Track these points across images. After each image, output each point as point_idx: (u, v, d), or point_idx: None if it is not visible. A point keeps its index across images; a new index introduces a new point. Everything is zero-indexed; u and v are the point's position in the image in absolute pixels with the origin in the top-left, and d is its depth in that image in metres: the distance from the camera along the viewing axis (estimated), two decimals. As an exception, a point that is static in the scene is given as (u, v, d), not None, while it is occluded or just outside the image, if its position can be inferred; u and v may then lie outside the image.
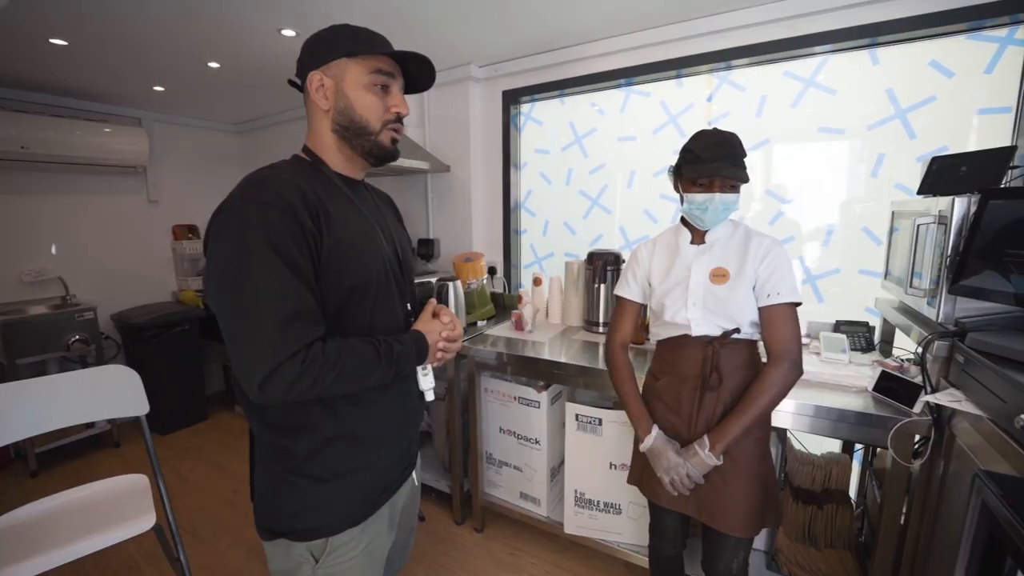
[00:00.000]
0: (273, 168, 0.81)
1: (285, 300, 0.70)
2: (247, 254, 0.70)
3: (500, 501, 2.06)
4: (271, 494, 0.85)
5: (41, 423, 1.46)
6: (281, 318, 0.70)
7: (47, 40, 1.98)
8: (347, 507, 0.86)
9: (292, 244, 0.72)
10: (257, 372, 0.69)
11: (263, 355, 0.69)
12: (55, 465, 2.69)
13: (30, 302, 2.84)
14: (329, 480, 0.84)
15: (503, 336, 2.06)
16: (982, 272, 1.08)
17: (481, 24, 1.94)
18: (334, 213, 0.80)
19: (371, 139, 0.85)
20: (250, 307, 0.70)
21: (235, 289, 0.70)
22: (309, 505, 0.83)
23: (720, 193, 1.11)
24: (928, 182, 1.38)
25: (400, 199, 2.83)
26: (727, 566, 1.18)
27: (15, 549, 1.25)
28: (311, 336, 0.72)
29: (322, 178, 0.84)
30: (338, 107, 0.83)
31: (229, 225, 0.72)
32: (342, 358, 0.74)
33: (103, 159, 2.93)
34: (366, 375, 0.78)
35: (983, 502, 0.73)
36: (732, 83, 1.96)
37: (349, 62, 0.82)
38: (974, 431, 1.03)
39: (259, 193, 0.73)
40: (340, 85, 0.82)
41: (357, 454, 0.86)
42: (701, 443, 1.11)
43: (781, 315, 1.11)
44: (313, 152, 0.87)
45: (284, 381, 0.69)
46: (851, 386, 1.39)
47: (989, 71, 1.54)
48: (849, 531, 1.55)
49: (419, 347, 0.88)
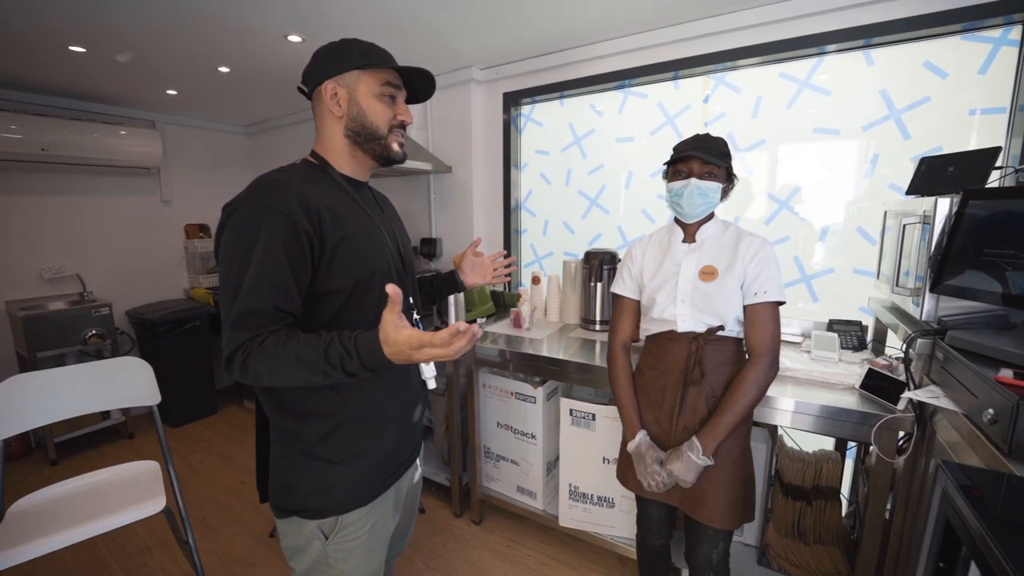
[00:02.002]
0: (282, 171, 0.88)
1: (250, 296, 0.77)
2: (239, 249, 0.79)
3: (498, 494, 2.11)
4: (286, 475, 0.91)
5: (60, 410, 1.54)
6: (241, 311, 0.77)
7: (66, 47, 2.07)
8: (355, 488, 0.92)
9: (281, 246, 0.78)
10: (224, 352, 0.79)
11: (225, 339, 0.79)
12: (72, 454, 2.80)
13: (49, 298, 2.96)
14: (339, 463, 0.90)
15: (502, 333, 2.10)
16: (964, 271, 1.10)
17: (483, 28, 1.98)
18: (339, 213, 0.86)
19: (381, 143, 0.93)
20: (229, 294, 0.79)
21: (224, 277, 0.81)
22: (320, 486, 0.90)
23: (696, 179, 1.15)
24: (916, 182, 1.40)
25: (403, 199, 2.93)
26: (707, 556, 1.22)
27: (33, 528, 1.33)
28: (259, 331, 0.77)
29: (329, 180, 0.91)
30: (351, 114, 0.90)
31: (233, 220, 0.81)
32: (274, 353, 0.75)
33: (119, 161, 3.03)
34: (295, 372, 0.76)
35: (943, 491, 0.76)
36: (728, 84, 1.98)
37: (361, 74, 0.90)
38: (951, 427, 1.05)
39: (260, 195, 0.81)
40: (353, 94, 0.90)
41: (365, 439, 0.93)
42: (691, 446, 1.13)
43: (765, 314, 1.14)
44: (321, 156, 0.94)
45: (235, 366, 0.78)
46: (839, 384, 1.41)
47: (983, 72, 1.55)
48: (838, 527, 1.57)
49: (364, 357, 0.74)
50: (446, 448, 2.28)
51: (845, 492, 1.71)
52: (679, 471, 1.13)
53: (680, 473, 1.13)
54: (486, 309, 2.37)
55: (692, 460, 1.12)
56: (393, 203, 1.16)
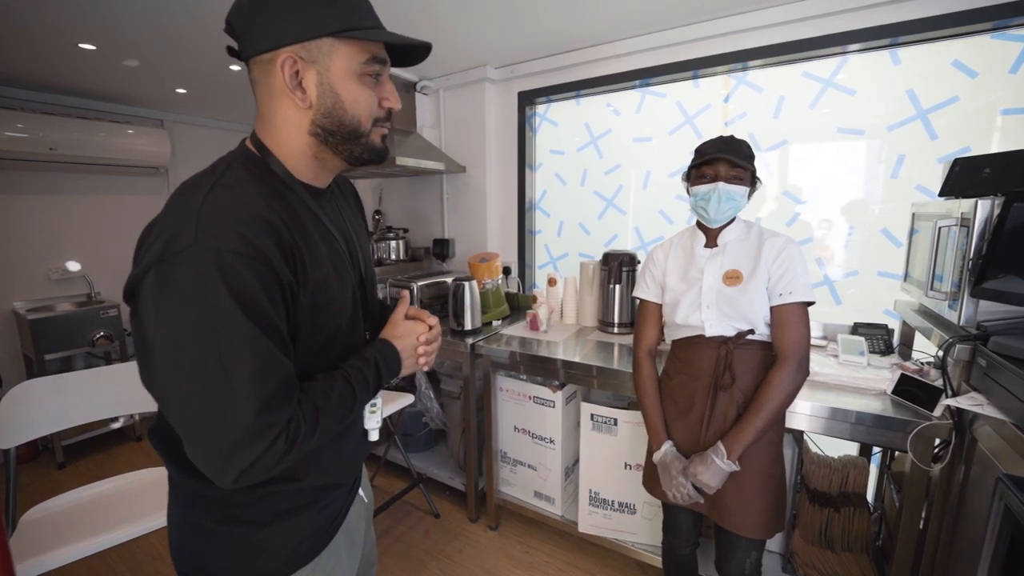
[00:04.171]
0: (228, 188, 0.60)
1: (263, 377, 0.57)
2: (212, 319, 0.54)
3: (514, 499, 2.08)
4: (199, 549, 0.70)
5: (70, 417, 1.52)
6: (260, 400, 0.56)
7: (76, 45, 2.04)
8: (293, 547, 0.73)
9: (267, 303, 0.58)
10: (234, 464, 0.56)
11: (241, 444, 0.55)
12: (80, 457, 2.77)
13: (57, 299, 2.93)
14: (269, 523, 0.70)
15: (518, 336, 2.07)
16: (1005, 275, 1.07)
17: (497, 26, 1.95)
18: (311, 247, 0.66)
19: (362, 142, 0.68)
20: (220, 388, 0.55)
21: (197, 365, 0.54)
22: (246, 552, 0.70)
23: (724, 183, 1.12)
24: (950, 184, 1.36)
25: (415, 199, 2.89)
26: (740, 566, 1.19)
27: (48, 538, 1.30)
28: (291, 411, 0.60)
29: (287, 194, 0.66)
30: (323, 107, 0.64)
31: (185, 278, 0.54)
32: (320, 415, 0.64)
33: (126, 160, 3.00)
34: (345, 415, 0.68)
35: (1006, 506, 0.73)
36: (749, 84, 1.95)
37: (337, 44, 0.62)
38: (996, 436, 1.02)
39: (222, 236, 0.55)
40: (325, 76, 0.63)
41: (300, 494, 0.73)
42: (717, 451, 1.10)
43: (792, 315, 1.11)
44: (267, 148, 0.67)
45: (267, 466, 0.58)
46: (869, 389, 1.38)
47: (1014, 71, 1.52)
48: (866, 534, 1.54)
49: (389, 362, 0.75)
50: (462, 453, 2.25)
51: (869, 498, 1.68)
52: (704, 476, 1.10)
53: (704, 478, 1.10)
54: (500, 311, 2.34)
55: (717, 465, 1.09)
56: (404, 203, 0.98)
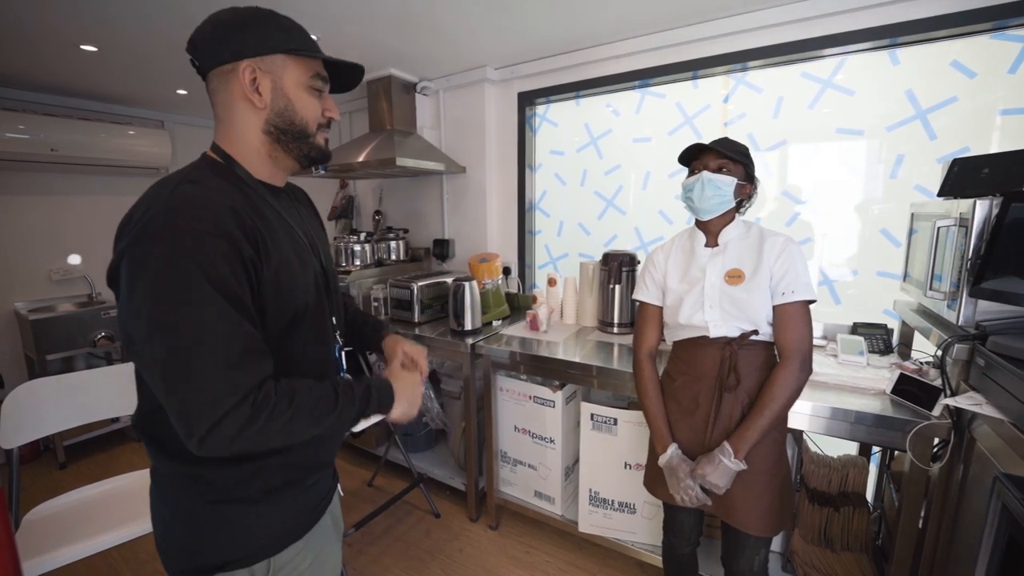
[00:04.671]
0: (194, 183, 0.69)
1: (230, 339, 0.63)
2: (182, 290, 0.61)
3: (514, 499, 2.09)
4: (192, 536, 0.74)
5: (72, 417, 1.53)
6: (227, 359, 0.62)
7: (78, 46, 2.05)
8: (285, 523, 0.79)
9: (231, 276, 0.64)
10: (204, 421, 0.60)
11: (209, 401, 0.61)
12: (82, 457, 2.77)
13: (58, 300, 2.94)
14: (260, 500, 0.75)
15: (518, 336, 2.08)
16: (1004, 275, 1.08)
17: (497, 27, 1.96)
18: (266, 231, 0.72)
19: (309, 142, 0.79)
20: (192, 350, 0.61)
21: (170, 331, 0.61)
22: (240, 528, 0.75)
23: (708, 172, 1.14)
24: (949, 184, 1.37)
25: (416, 200, 2.90)
26: (748, 563, 1.19)
27: (51, 538, 1.31)
28: (261, 374, 0.65)
29: (246, 190, 0.75)
30: (276, 107, 0.74)
31: (156, 256, 0.61)
32: (296, 397, 0.68)
33: (127, 161, 3.01)
34: (321, 416, 0.71)
35: (1003, 505, 0.73)
36: (748, 84, 1.96)
37: (288, 60, 0.74)
38: (995, 435, 1.02)
39: (188, 218, 0.63)
40: (279, 83, 0.74)
41: (287, 470, 0.79)
42: (724, 451, 1.10)
43: (794, 313, 1.12)
44: (227, 154, 0.76)
45: (233, 427, 0.61)
46: (869, 388, 1.38)
47: (1013, 71, 1.52)
48: (866, 534, 1.54)
49: (381, 392, 0.80)
50: (462, 452, 2.26)
51: (869, 498, 1.68)
52: (712, 477, 1.10)
53: (713, 479, 1.10)
54: (500, 311, 2.34)
55: (725, 465, 1.09)
56: (404, 204, 1.05)
